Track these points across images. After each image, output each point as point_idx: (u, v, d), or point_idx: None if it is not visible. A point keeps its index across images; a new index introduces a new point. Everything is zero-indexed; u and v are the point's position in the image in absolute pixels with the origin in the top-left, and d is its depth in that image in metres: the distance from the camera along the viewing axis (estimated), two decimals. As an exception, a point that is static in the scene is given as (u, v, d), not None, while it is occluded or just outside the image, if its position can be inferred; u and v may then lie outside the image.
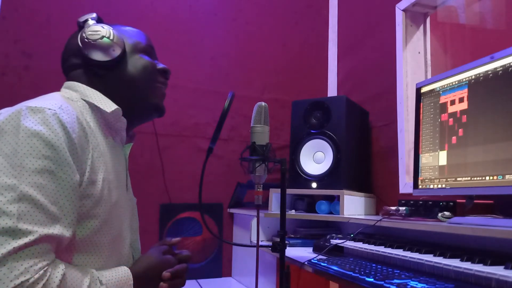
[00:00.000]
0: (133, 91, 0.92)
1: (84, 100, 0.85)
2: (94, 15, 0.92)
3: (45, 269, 0.65)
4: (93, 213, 0.76)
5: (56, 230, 0.68)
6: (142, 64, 0.93)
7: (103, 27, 0.88)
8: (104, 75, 0.89)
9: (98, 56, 0.87)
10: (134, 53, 0.93)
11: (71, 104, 0.79)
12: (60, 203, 0.69)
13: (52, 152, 0.69)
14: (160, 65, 0.98)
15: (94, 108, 0.86)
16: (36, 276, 0.63)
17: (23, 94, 1.78)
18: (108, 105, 0.86)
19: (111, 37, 0.88)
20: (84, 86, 0.87)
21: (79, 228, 0.75)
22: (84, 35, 0.87)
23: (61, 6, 1.88)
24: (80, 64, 0.89)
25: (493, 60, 1.09)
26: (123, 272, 0.80)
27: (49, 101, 0.75)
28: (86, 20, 0.90)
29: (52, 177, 0.69)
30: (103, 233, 0.78)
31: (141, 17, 2.04)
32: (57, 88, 0.91)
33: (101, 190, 0.78)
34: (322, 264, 1.09)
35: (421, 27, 1.85)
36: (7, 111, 0.73)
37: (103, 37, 0.87)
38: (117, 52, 0.88)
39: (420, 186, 1.32)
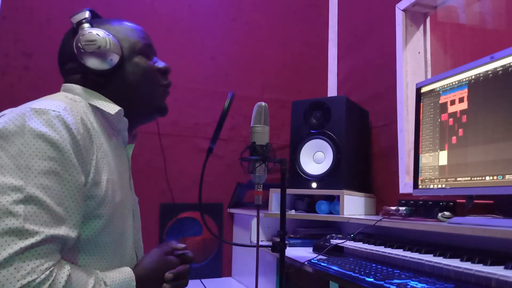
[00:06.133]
0: (134, 94, 0.91)
1: (87, 102, 0.85)
2: (87, 14, 0.88)
3: (51, 269, 0.65)
4: (96, 213, 0.77)
5: (61, 231, 0.68)
6: (141, 67, 0.92)
7: (99, 35, 0.84)
8: (103, 81, 0.88)
9: (95, 65, 0.85)
10: (132, 56, 0.91)
11: (74, 106, 0.79)
12: (65, 204, 0.70)
13: (57, 154, 0.70)
14: (160, 64, 0.96)
15: (97, 110, 0.86)
16: (43, 276, 0.63)
17: (23, 94, 1.78)
18: (111, 107, 0.86)
19: (108, 46, 0.85)
20: (85, 89, 0.87)
21: (83, 228, 0.75)
22: (79, 44, 0.84)
23: (61, 6, 1.89)
24: (78, 69, 0.88)
25: (493, 60, 1.09)
26: (126, 273, 0.81)
27: (53, 103, 0.75)
28: (80, 23, 0.87)
29: (57, 178, 0.69)
30: (106, 233, 0.79)
31: (141, 17, 2.04)
32: (57, 88, 0.90)
33: (105, 190, 0.78)
34: (322, 264, 1.09)
35: (421, 27, 1.85)
36: (11, 111, 0.73)
37: (99, 47, 0.84)
38: (115, 60, 0.86)
39: (420, 186, 1.32)
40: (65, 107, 0.75)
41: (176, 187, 2.03)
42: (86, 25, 0.86)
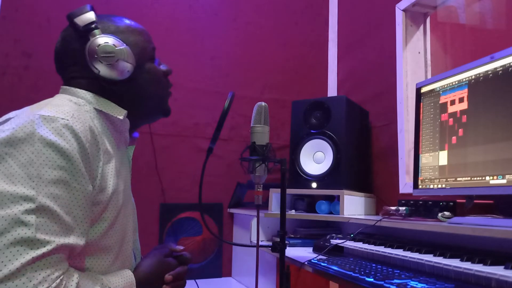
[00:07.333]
0: (144, 99, 0.92)
1: (92, 107, 0.85)
2: (94, 16, 0.85)
3: (61, 278, 0.66)
4: (101, 217, 0.77)
5: (71, 239, 0.69)
6: (152, 74, 0.92)
7: (115, 45, 0.83)
8: (114, 88, 0.87)
9: (111, 75, 0.84)
10: (143, 63, 0.90)
11: (80, 111, 0.78)
12: (74, 213, 0.70)
13: (67, 163, 0.70)
14: (163, 67, 0.97)
15: (102, 114, 0.85)
16: (53, 285, 0.64)
17: (23, 94, 1.78)
18: (118, 112, 0.86)
19: (126, 58, 0.84)
20: (89, 93, 0.85)
21: (89, 231, 0.75)
22: (96, 55, 0.82)
23: (61, 6, 1.88)
24: (85, 75, 0.86)
25: (493, 60, 1.09)
26: (128, 278, 0.82)
27: (60, 109, 0.74)
28: (90, 29, 0.83)
29: (66, 187, 0.69)
30: (110, 236, 0.79)
31: (141, 17, 2.04)
32: (57, 88, 0.90)
33: (110, 195, 0.79)
34: (322, 264, 1.09)
35: (421, 27, 1.85)
36: (17, 116, 0.72)
37: (118, 60, 0.83)
38: (130, 70, 0.86)
39: (420, 186, 1.32)
40: (73, 114, 0.75)
41: (176, 187, 2.03)
42: (97, 32, 0.84)
